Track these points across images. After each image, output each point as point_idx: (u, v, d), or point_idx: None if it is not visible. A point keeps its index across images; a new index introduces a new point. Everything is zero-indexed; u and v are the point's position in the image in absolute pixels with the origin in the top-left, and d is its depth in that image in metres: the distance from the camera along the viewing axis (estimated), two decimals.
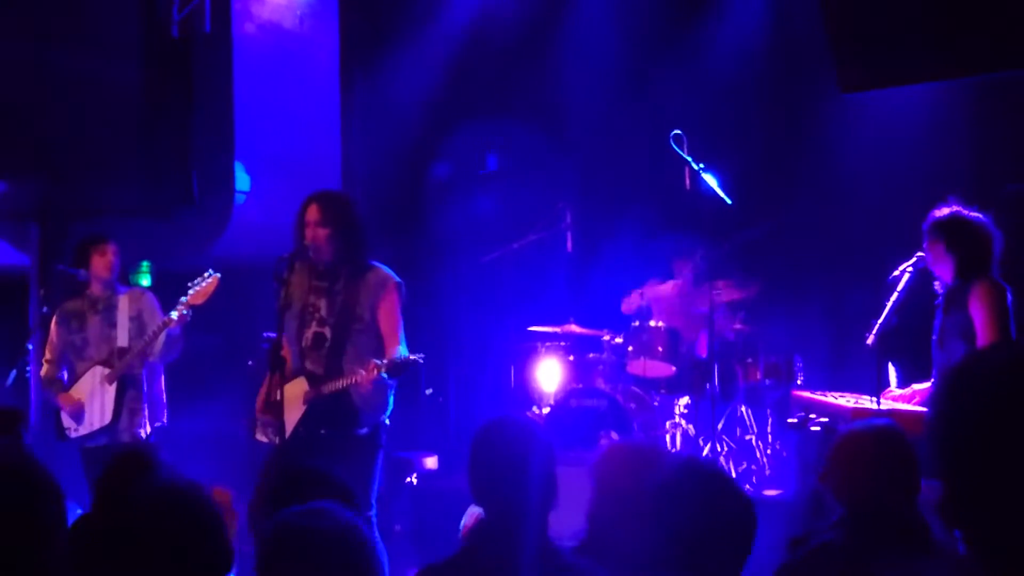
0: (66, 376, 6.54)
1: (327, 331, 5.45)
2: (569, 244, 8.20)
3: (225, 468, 6.41)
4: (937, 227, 5.38)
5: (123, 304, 6.50)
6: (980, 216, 5.36)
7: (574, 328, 8.07)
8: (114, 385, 6.34)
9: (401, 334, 5.45)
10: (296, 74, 8.19)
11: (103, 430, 6.35)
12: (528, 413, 7.93)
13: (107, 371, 6.37)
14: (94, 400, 6.38)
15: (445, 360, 9.24)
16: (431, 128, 9.24)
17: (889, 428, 3.41)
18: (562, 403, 7.66)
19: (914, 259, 5.50)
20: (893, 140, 7.91)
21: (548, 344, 8.12)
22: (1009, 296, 5.22)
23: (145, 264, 8.21)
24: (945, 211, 5.39)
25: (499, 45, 9.01)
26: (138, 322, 6.46)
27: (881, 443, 3.31)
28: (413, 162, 9.43)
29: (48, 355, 6.61)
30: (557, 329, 8.10)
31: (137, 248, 7.87)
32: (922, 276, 5.49)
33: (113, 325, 6.44)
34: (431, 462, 8.17)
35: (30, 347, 7.24)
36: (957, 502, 1.70)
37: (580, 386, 7.80)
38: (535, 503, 3.19)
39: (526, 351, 8.26)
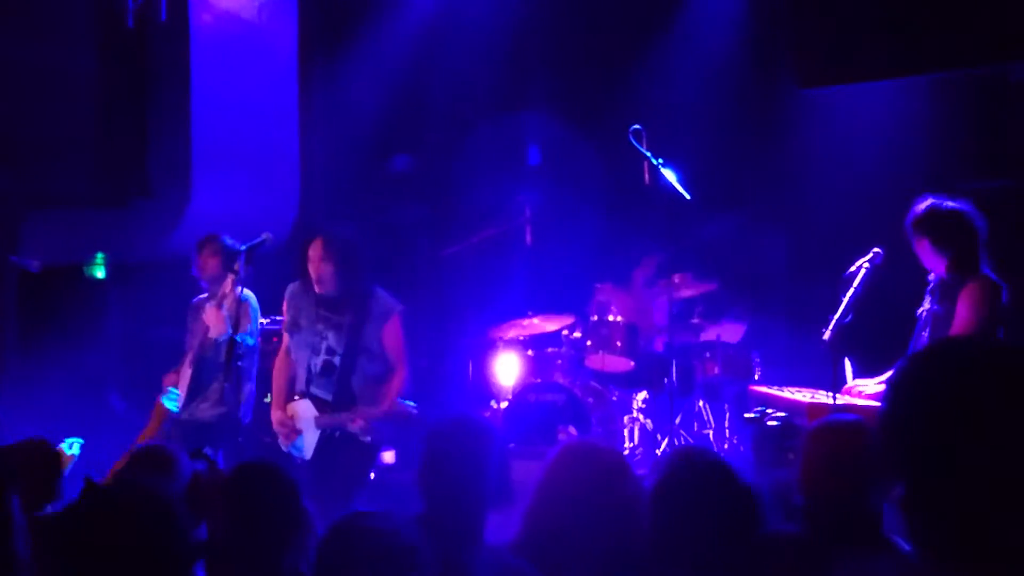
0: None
1: (336, 360, 5.82)
2: (529, 238, 8.19)
3: None
4: (919, 224, 5.26)
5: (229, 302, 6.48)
6: (960, 205, 5.28)
7: (533, 322, 8.06)
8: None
9: (405, 359, 5.89)
10: (254, 65, 8.13)
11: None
12: (487, 408, 7.93)
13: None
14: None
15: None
16: (390, 120, 9.20)
17: (862, 423, 3.43)
18: (520, 397, 7.65)
19: (870, 255, 5.51)
20: (852, 136, 7.97)
21: (507, 338, 8.10)
22: (1004, 294, 5.17)
23: (99, 256, 8.12)
24: (922, 206, 5.27)
25: (459, 37, 8.98)
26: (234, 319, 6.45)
27: (855, 438, 3.32)
28: (372, 154, 9.38)
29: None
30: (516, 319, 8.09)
31: (92, 239, 7.79)
32: (878, 272, 5.51)
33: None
34: (388, 456, 8.14)
35: None
36: (910, 500, 1.70)
37: (539, 380, 7.80)
38: (484, 504, 3.19)
39: (485, 345, 8.24)
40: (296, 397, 5.89)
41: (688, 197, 6.86)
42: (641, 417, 7.81)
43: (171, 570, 2.55)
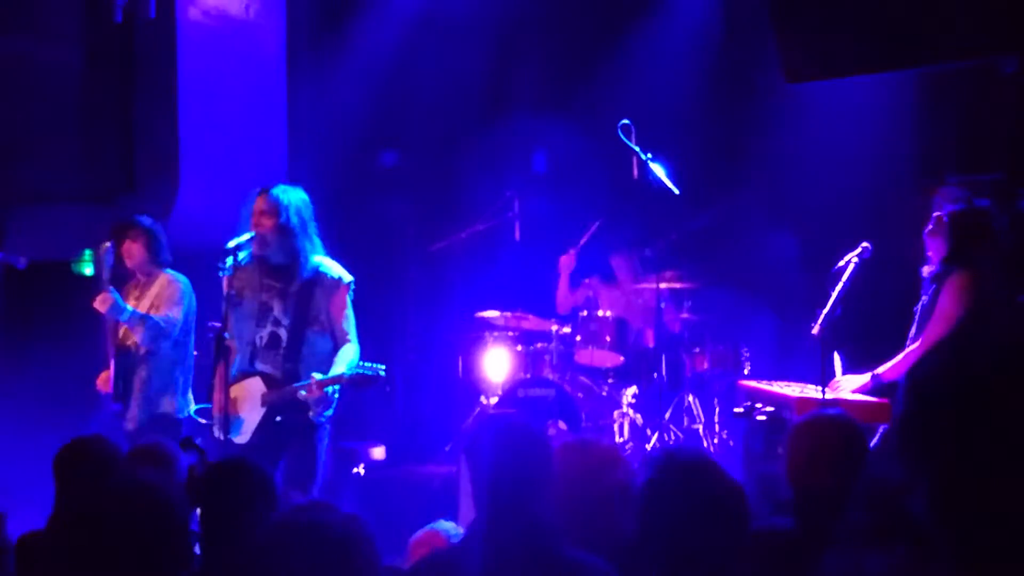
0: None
1: (283, 332, 5.45)
2: (517, 233, 8.18)
3: None
4: (942, 223, 5.37)
5: (153, 288, 6.41)
6: (980, 207, 5.39)
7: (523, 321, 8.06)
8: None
9: (353, 334, 5.50)
10: (242, 61, 8.10)
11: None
12: (477, 404, 7.92)
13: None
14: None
15: (392, 350, 9.20)
16: (378, 116, 9.18)
17: (846, 417, 3.43)
18: (510, 393, 7.65)
19: (859, 249, 5.53)
20: (841, 130, 7.96)
21: (496, 333, 8.10)
22: (992, 288, 5.22)
23: (87, 252, 8.08)
24: (952, 207, 5.40)
25: (447, 33, 8.95)
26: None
27: (839, 431, 3.32)
28: (360, 150, 9.36)
29: None
30: (506, 314, 8.07)
31: (79, 236, 7.75)
32: (866, 266, 5.53)
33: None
34: (378, 452, 8.14)
35: None
36: (933, 499, 1.69)
37: (528, 376, 7.79)
38: (548, 506, 3.07)
39: (473, 340, 8.24)
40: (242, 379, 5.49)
41: (677, 191, 6.87)
42: (631, 412, 7.80)
43: (173, 562, 2.55)
